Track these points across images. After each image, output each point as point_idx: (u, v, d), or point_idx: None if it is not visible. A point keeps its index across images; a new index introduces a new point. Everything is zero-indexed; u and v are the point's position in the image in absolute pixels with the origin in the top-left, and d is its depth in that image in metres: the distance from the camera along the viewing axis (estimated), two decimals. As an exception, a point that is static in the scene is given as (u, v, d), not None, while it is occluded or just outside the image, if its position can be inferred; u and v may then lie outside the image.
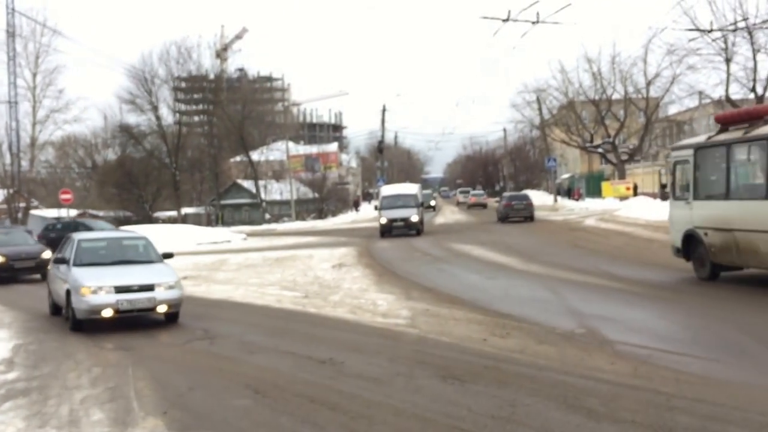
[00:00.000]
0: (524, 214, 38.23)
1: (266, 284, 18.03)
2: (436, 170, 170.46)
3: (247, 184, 67.57)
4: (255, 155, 67.55)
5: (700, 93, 24.26)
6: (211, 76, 69.08)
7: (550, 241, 27.18)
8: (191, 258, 26.87)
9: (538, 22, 18.03)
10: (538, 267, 18.94)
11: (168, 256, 14.17)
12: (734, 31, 22.72)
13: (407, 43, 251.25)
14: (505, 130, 74.98)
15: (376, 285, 16.72)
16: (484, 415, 6.71)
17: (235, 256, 27.50)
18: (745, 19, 22.49)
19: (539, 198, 62.69)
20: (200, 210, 69.01)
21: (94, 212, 61.01)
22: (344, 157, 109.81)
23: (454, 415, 6.75)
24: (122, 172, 59.85)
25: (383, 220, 34.53)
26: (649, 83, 42.08)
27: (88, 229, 28.31)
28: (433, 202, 68.27)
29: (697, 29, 23.20)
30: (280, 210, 67.47)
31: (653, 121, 45.48)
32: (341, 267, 21.21)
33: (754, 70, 23.24)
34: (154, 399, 7.96)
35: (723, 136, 13.79)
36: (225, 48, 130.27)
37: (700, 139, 15.51)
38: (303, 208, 67.96)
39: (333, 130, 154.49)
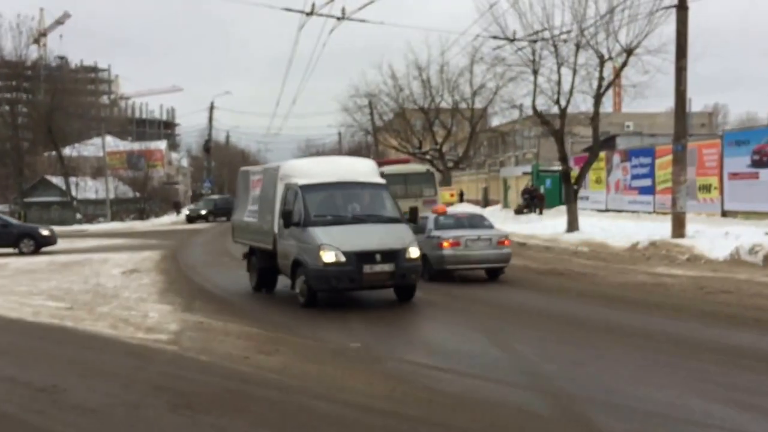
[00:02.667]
0: None
1: (34, 293, 16.14)
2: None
3: (58, 180, 62.92)
4: (71, 150, 63.08)
5: (520, 105, 24.81)
6: (26, 63, 63.81)
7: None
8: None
9: (343, 18, 17.43)
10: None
11: None
12: (535, 42, 23.24)
13: (242, 39, 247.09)
14: (340, 133, 74.49)
15: (160, 294, 15.39)
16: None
17: (17, 260, 24.94)
18: (543, 30, 23.06)
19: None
20: (4, 207, 63.51)
21: None
22: (175, 155, 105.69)
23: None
24: None
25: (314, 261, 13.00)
26: (474, 93, 43.02)
27: None
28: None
29: (499, 37, 23.58)
30: (95, 209, 63.39)
31: (478, 130, 46.60)
32: (132, 273, 19.59)
33: (558, 82, 23.86)
34: None
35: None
36: (44, 33, 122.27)
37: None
38: (123, 208, 64.30)
39: (164, 127, 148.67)
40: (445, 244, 15.98)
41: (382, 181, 14.27)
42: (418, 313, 12.47)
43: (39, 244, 28.48)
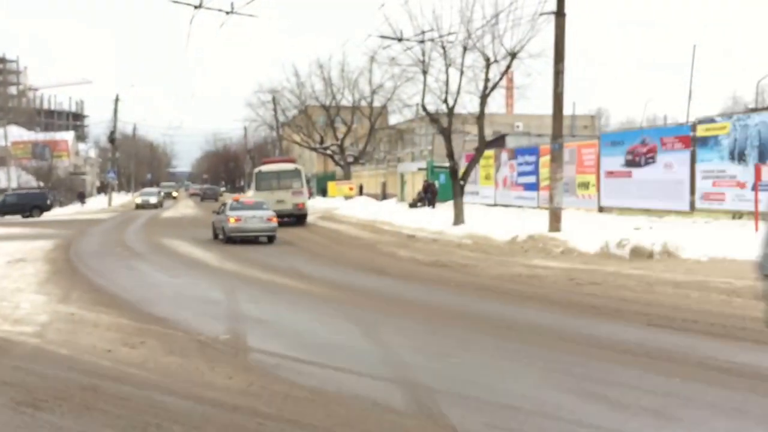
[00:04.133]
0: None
1: None
2: (183, 164, 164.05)
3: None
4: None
5: (417, 105, 24.55)
6: None
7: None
8: None
9: (232, 12, 16.65)
10: (234, 264, 17.63)
11: None
12: (422, 42, 23.05)
13: (149, 32, 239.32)
14: (245, 128, 72.96)
15: (39, 285, 14.27)
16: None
17: None
18: (430, 30, 22.92)
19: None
20: None
21: None
22: (82, 146, 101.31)
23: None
24: None
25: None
26: (373, 92, 42.71)
27: None
28: (175, 194, 64.73)
29: (388, 37, 23.29)
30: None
31: (377, 128, 46.37)
32: (18, 263, 18.24)
33: (446, 83, 23.74)
34: None
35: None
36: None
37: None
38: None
39: (73, 119, 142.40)
40: (232, 219, 22.66)
41: None
42: (295, 303, 11.93)
43: None
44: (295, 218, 30.78)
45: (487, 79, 23.01)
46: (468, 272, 15.34)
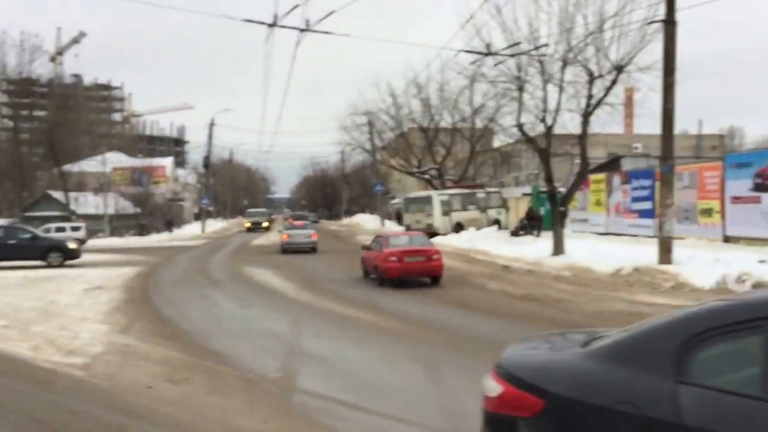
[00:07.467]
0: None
1: (-20, 310, 15.43)
2: (282, 190, 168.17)
3: (59, 195, 62.61)
4: (73, 166, 62.88)
5: (521, 126, 23.83)
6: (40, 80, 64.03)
7: (347, 265, 25.87)
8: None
9: (307, 29, 16.66)
10: (309, 295, 17.55)
11: None
12: (513, 56, 22.37)
13: (247, 57, 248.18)
14: (342, 152, 73.83)
15: (106, 314, 14.62)
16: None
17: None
18: (517, 44, 22.20)
19: (369, 221, 62.30)
20: (6, 222, 63.12)
21: None
22: (181, 172, 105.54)
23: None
24: None
25: None
26: (474, 113, 42.10)
27: None
28: (265, 224, 65.92)
29: (476, 52, 22.73)
30: (95, 225, 62.94)
31: (478, 150, 45.74)
32: (94, 290, 18.88)
33: (544, 100, 22.97)
34: None
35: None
36: (60, 52, 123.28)
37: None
38: (122, 224, 63.81)
39: (174, 144, 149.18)
40: (284, 236, 34.78)
41: None
42: (360, 339, 11.58)
43: (66, 257, 28.09)
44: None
45: (590, 96, 22.09)
46: (561, 308, 14.60)
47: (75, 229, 49.92)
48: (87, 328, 12.70)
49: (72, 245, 29.13)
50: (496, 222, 39.13)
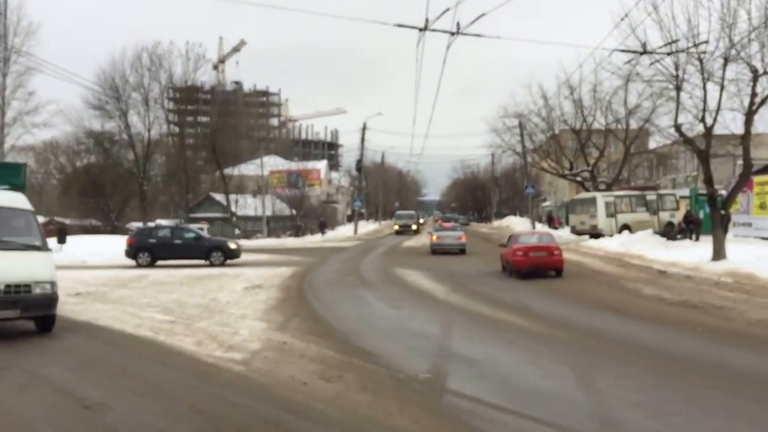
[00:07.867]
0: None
1: (151, 305, 16.56)
2: (432, 192, 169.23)
3: (221, 197, 66.17)
4: (233, 169, 66.29)
5: (678, 126, 22.74)
6: (195, 86, 67.99)
7: (495, 266, 25.69)
8: (113, 271, 25.69)
9: (458, 32, 16.62)
10: (460, 297, 17.60)
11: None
12: (669, 54, 21.28)
13: (398, 61, 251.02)
14: (493, 155, 73.36)
15: (264, 312, 15.30)
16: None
17: (159, 272, 26.06)
18: (675, 41, 21.07)
19: (520, 224, 61.43)
20: (172, 222, 67.45)
21: (60, 220, 59.53)
22: (335, 175, 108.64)
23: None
24: (87, 179, 58.38)
25: None
26: (628, 114, 40.62)
27: None
28: (414, 226, 66.40)
29: (629, 51, 21.76)
30: (253, 226, 66.00)
31: (633, 152, 44.09)
32: (253, 288, 19.81)
33: (704, 99, 21.75)
34: None
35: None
36: (222, 60, 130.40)
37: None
38: (279, 225, 66.48)
39: (328, 148, 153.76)
40: (434, 237, 35.54)
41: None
42: (511, 342, 11.47)
43: (227, 257, 29.81)
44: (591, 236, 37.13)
45: (754, 94, 20.81)
46: (722, 315, 13.83)
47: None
48: (246, 325, 13.34)
49: (232, 245, 30.66)
50: (669, 225, 37.46)
